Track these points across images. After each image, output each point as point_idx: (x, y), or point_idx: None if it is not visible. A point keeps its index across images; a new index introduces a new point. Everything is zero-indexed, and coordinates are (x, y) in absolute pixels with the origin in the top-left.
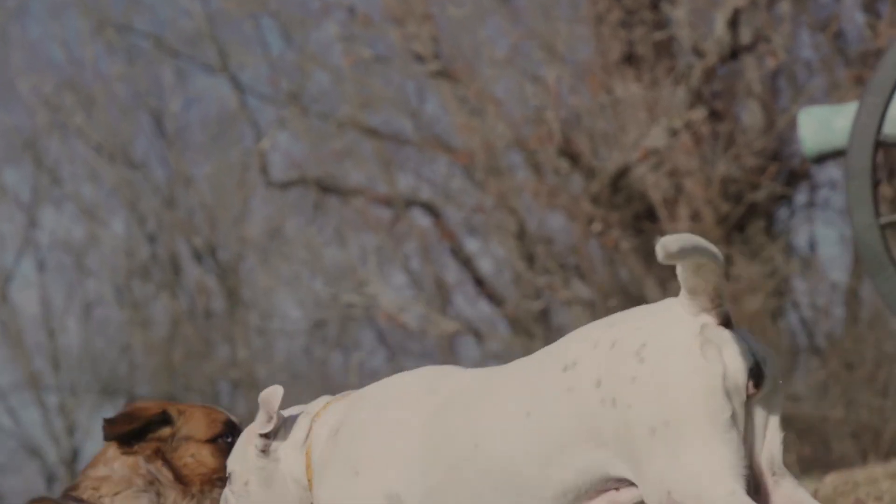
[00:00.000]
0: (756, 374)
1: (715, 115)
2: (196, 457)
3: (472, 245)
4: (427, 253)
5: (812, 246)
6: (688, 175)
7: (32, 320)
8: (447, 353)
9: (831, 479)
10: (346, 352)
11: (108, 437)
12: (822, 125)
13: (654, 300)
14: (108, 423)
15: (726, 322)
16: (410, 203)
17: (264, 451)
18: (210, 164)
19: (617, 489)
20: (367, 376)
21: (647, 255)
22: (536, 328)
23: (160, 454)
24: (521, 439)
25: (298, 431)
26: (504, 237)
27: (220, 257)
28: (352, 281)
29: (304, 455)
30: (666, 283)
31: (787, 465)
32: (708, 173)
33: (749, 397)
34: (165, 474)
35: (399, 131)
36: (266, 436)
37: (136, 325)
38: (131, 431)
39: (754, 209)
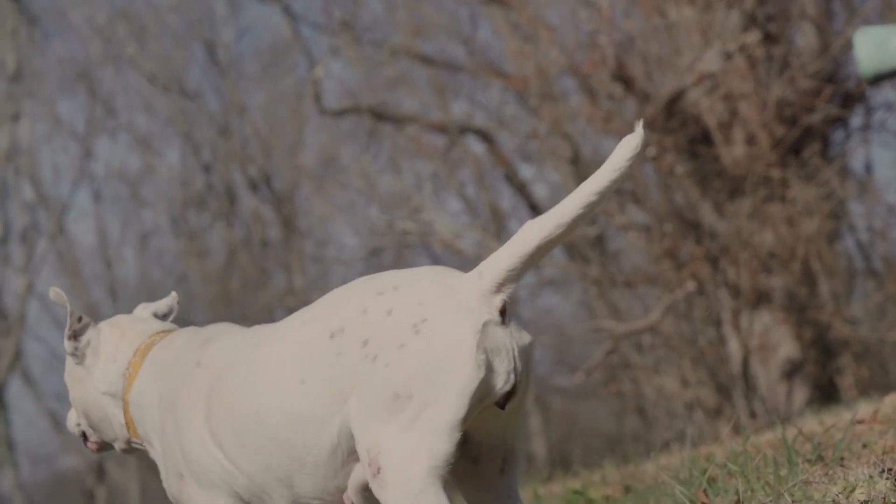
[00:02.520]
0: (509, 395)
1: (769, 38)
2: None
3: (526, 171)
4: (481, 179)
5: (868, 168)
6: (742, 98)
7: (89, 251)
8: None
9: (891, 400)
10: None
11: None
12: (878, 45)
13: (710, 225)
14: None
15: (503, 312)
16: (464, 129)
17: (75, 356)
18: (264, 94)
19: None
20: None
21: (703, 179)
22: (592, 253)
23: None
24: (297, 405)
25: (115, 354)
26: (558, 162)
27: (275, 186)
28: (407, 208)
29: (117, 375)
30: (721, 207)
31: (843, 388)
32: (763, 96)
33: (494, 406)
34: None
35: (452, 58)
36: (74, 338)
37: (193, 254)
38: None
39: (810, 132)
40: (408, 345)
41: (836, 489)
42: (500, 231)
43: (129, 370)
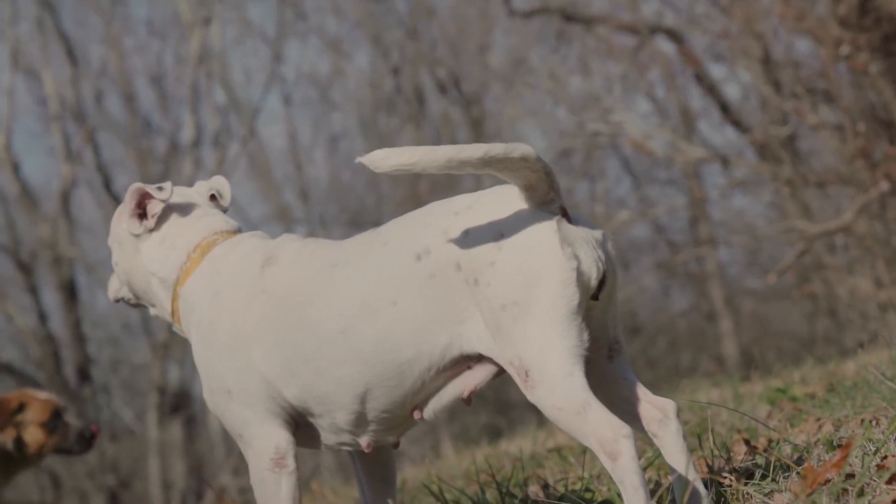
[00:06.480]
0: (601, 282)
1: None
2: (34, 435)
3: (716, 71)
4: (671, 80)
5: None
6: None
7: (280, 154)
8: (693, 179)
9: None
10: (591, 180)
11: None
12: None
13: None
14: None
15: (564, 213)
16: (654, 30)
17: (137, 235)
18: None
19: (470, 367)
20: (614, 204)
21: None
22: (784, 153)
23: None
24: (390, 325)
25: (174, 241)
26: (750, 62)
27: (464, 88)
28: (596, 109)
29: (174, 264)
30: None
31: None
32: None
33: (591, 299)
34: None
35: None
36: (142, 217)
37: None
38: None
39: None
40: (496, 261)
41: None
42: (690, 132)
43: (187, 264)
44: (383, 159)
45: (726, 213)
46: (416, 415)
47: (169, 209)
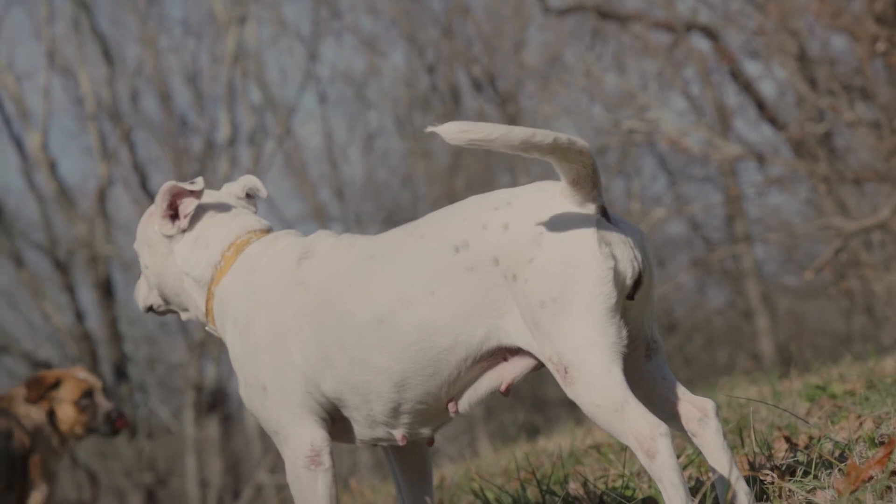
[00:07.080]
0: (637, 282)
1: None
2: (66, 412)
3: (752, 68)
4: (707, 77)
5: None
6: None
7: (316, 152)
8: (729, 177)
9: None
10: (626, 178)
11: (28, 401)
12: None
13: None
14: (28, 390)
15: (604, 212)
16: (690, 27)
17: (169, 236)
18: None
19: (506, 359)
20: (649, 202)
21: None
22: (820, 151)
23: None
24: (428, 315)
25: (208, 240)
26: (785, 59)
27: (499, 86)
28: (632, 107)
29: (207, 264)
30: None
31: None
32: None
33: (626, 298)
34: (44, 422)
35: None
36: (174, 217)
37: (418, 155)
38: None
39: None
40: (535, 258)
41: None
42: (725, 129)
43: (221, 263)
44: (462, 132)
45: (762, 210)
46: (452, 407)
47: (201, 209)
